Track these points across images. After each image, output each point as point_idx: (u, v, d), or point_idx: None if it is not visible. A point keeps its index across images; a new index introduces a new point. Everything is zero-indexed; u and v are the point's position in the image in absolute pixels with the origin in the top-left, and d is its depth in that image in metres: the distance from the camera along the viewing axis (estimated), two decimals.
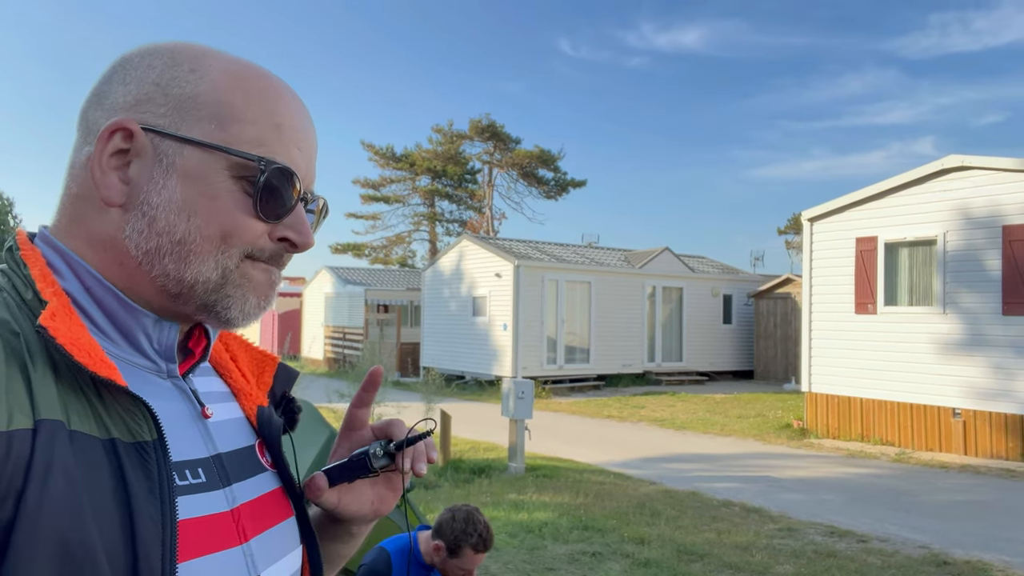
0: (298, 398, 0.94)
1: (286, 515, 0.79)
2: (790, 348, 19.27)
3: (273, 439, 0.82)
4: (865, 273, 11.05)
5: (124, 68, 0.72)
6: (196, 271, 0.69)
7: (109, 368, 0.62)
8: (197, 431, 0.72)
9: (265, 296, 0.74)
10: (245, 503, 0.73)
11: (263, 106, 0.72)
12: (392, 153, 37.65)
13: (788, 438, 11.38)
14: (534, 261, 17.42)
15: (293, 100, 0.75)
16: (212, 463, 0.72)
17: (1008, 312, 9.55)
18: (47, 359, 0.61)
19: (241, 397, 0.83)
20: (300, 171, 0.73)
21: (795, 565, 5.43)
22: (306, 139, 0.75)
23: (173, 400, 0.72)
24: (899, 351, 10.61)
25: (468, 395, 16.51)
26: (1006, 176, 9.61)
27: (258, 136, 0.70)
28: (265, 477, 0.78)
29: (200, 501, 0.67)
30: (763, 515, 6.86)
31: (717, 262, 22.97)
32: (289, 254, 0.74)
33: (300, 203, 0.73)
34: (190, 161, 0.68)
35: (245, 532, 0.71)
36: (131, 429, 0.63)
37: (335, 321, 24.79)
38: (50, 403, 0.58)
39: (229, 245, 0.69)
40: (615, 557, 5.52)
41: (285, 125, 0.72)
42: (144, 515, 0.59)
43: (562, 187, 38.38)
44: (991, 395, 9.67)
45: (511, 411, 8.37)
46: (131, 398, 0.63)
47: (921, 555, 5.73)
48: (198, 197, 0.68)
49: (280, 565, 0.75)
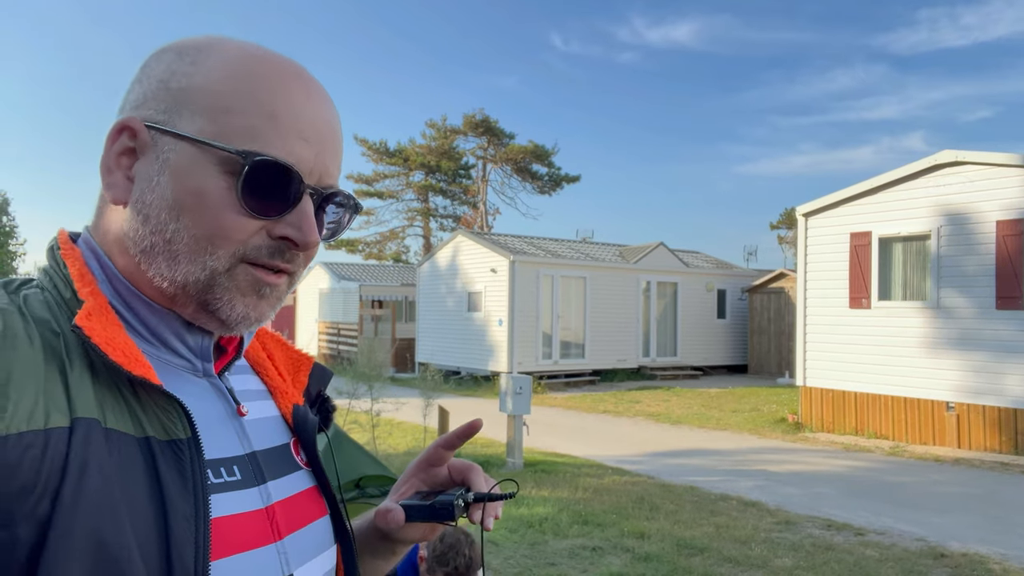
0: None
1: (320, 514, 0.79)
2: (784, 343, 19.36)
3: (308, 437, 0.81)
4: (859, 268, 11.11)
5: (142, 68, 0.72)
6: (185, 271, 0.67)
7: (144, 367, 0.63)
8: (232, 429, 0.72)
9: (255, 306, 0.70)
10: (279, 501, 0.73)
11: (256, 94, 0.67)
12: (385, 148, 37.59)
13: (783, 432, 11.45)
14: (529, 256, 17.44)
15: (298, 86, 0.70)
16: (247, 461, 0.72)
17: (1001, 307, 9.63)
18: (84, 358, 0.61)
19: (277, 395, 0.83)
20: (304, 163, 0.68)
21: (794, 558, 5.48)
22: (314, 128, 0.69)
23: (208, 398, 0.72)
24: (893, 345, 10.68)
25: (464, 391, 16.53)
26: (999, 171, 9.67)
27: (249, 127, 0.66)
28: (300, 475, 0.78)
29: (234, 499, 0.68)
30: (761, 509, 6.91)
31: (711, 257, 23.03)
32: (294, 253, 0.70)
33: (307, 198, 0.69)
34: (182, 158, 0.66)
35: (279, 530, 0.71)
36: (166, 427, 0.63)
37: (330, 317, 24.75)
38: (86, 401, 0.59)
39: (216, 246, 0.67)
40: (615, 552, 5.55)
41: (282, 113, 0.67)
42: (178, 513, 0.60)
43: (556, 182, 38.42)
44: (984, 389, 9.75)
45: (509, 407, 8.39)
46: (166, 396, 0.64)
47: (918, 548, 5.78)
48: (187, 195, 0.66)
49: (313, 564, 0.74)
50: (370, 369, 9.50)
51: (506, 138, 37.49)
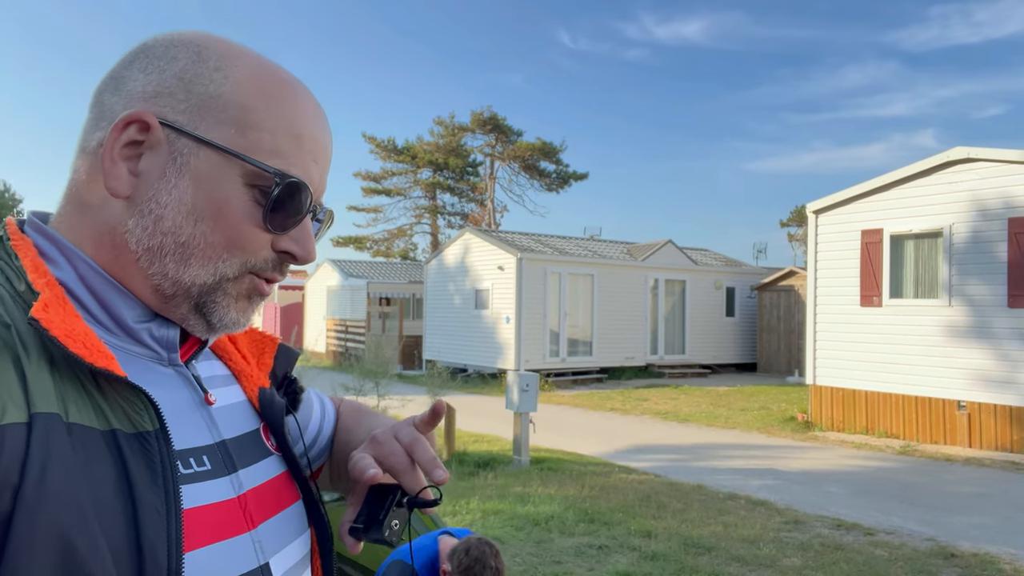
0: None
1: (293, 499, 0.78)
2: (793, 341, 19.26)
3: (276, 421, 0.80)
4: (870, 265, 11.02)
5: (146, 56, 0.69)
6: (194, 275, 0.68)
7: (106, 358, 0.61)
8: (200, 418, 0.71)
9: (244, 311, 0.73)
10: (252, 489, 0.72)
11: (284, 115, 0.70)
12: (393, 146, 37.59)
13: (792, 431, 11.38)
14: (537, 254, 17.40)
15: (315, 110, 0.74)
16: (217, 450, 0.71)
17: (1014, 304, 9.52)
18: (42, 351, 0.59)
19: (242, 379, 0.82)
20: (313, 184, 0.72)
21: (803, 558, 5.42)
22: (323, 151, 0.74)
23: (175, 388, 0.71)
24: (904, 343, 10.59)
25: (471, 388, 16.52)
26: (1012, 168, 9.56)
27: (277, 146, 0.69)
28: (271, 461, 0.77)
29: (205, 489, 0.67)
30: (769, 508, 6.85)
31: (720, 254, 22.93)
32: (287, 264, 0.74)
33: (308, 216, 0.73)
34: (205, 164, 0.67)
35: (253, 518, 0.70)
36: (132, 419, 0.62)
37: (338, 314, 24.80)
38: (46, 396, 0.57)
39: (232, 255, 0.68)
40: (622, 550, 5.51)
41: (305, 136, 0.71)
42: (148, 506, 0.58)
43: (564, 180, 38.33)
44: (996, 387, 9.65)
45: (516, 404, 8.36)
46: (130, 388, 0.62)
47: (928, 548, 5.72)
48: (208, 202, 0.67)
49: (289, 550, 0.74)
50: (377, 366, 9.50)
51: (514, 135, 37.43)
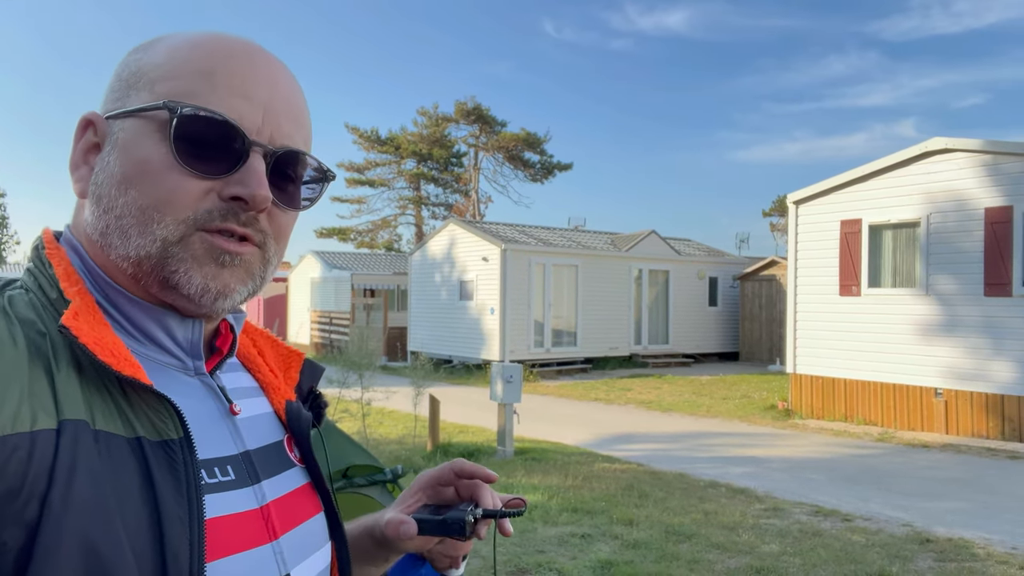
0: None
1: (315, 511, 0.78)
2: (775, 330, 19.44)
3: (302, 434, 0.80)
4: (849, 255, 11.14)
5: None
6: (137, 245, 0.65)
7: (133, 367, 0.62)
8: (225, 428, 0.71)
9: (215, 276, 0.67)
10: (274, 500, 0.72)
11: (192, 60, 0.67)
12: (377, 136, 37.40)
13: (773, 419, 11.51)
14: (521, 245, 17.42)
15: (242, 53, 0.69)
16: (241, 460, 0.71)
17: (989, 293, 9.68)
18: (71, 359, 0.60)
19: (269, 392, 0.82)
20: (249, 121, 0.66)
21: (781, 544, 5.52)
22: (259, 88, 0.68)
23: (200, 397, 0.71)
24: (882, 332, 10.74)
25: (456, 379, 16.55)
26: (989, 159, 9.70)
27: (185, 89, 0.65)
28: (294, 473, 0.78)
29: (228, 499, 0.67)
30: (749, 495, 6.95)
31: (703, 245, 23.07)
32: (251, 214, 0.67)
33: (256, 156, 0.67)
34: (128, 133, 0.66)
35: (275, 529, 0.70)
36: (157, 427, 0.62)
37: (322, 306, 24.71)
38: (74, 403, 0.58)
39: (163, 213, 0.65)
40: (604, 539, 5.58)
41: (219, 72, 0.66)
42: (171, 514, 0.59)
43: (548, 170, 38.33)
44: (972, 375, 9.82)
45: (499, 395, 8.40)
46: (156, 396, 0.63)
47: (904, 533, 5.83)
48: (132, 165, 0.65)
49: (310, 562, 0.74)
50: (361, 358, 9.49)
51: (498, 126, 37.36)
